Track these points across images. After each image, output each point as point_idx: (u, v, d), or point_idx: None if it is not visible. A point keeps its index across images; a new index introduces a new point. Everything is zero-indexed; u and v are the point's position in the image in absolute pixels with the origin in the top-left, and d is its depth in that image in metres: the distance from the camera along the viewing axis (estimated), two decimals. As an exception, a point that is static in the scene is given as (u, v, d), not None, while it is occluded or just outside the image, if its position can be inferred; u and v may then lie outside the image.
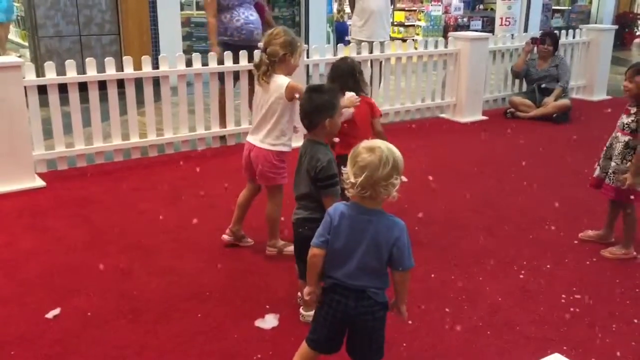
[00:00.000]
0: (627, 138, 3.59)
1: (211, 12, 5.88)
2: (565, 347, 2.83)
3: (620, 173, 3.61)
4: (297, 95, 3.26)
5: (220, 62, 5.71)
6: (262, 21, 6.11)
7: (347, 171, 2.12)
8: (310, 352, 2.33)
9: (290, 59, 3.41)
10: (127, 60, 5.34)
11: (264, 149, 3.45)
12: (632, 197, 3.62)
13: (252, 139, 3.53)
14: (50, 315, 3.01)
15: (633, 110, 3.61)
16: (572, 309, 3.14)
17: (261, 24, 6.03)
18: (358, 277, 2.16)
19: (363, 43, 6.66)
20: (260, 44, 3.63)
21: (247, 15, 5.91)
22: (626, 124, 3.61)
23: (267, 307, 3.10)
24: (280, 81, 3.37)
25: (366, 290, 2.17)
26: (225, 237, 3.76)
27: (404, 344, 2.82)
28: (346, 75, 3.61)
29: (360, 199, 2.12)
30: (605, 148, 3.76)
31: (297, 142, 3.28)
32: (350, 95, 3.39)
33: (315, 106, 2.79)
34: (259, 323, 2.97)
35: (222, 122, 5.90)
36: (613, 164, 3.65)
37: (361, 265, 2.15)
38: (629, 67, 3.69)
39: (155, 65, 5.72)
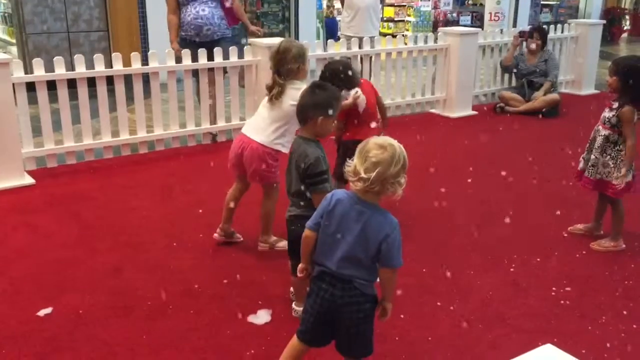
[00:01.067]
0: (607, 132, 3.65)
1: (170, 8, 5.81)
2: (555, 339, 2.85)
3: (599, 165, 3.67)
4: None
5: (178, 59, 5.61)
6: (230, 17, 5.96)
7: (354, 164, 2.12)
8: (298, 345, 2.33)
9: (304, 67, 3.47)
10: (116, 57, 5.31)
11: (261, 146, 3.41)
12: (605, 190, 3.69)
13: (250, 132, 3.49)
14: (41, 313, 3.00)
15: (615, 105, 3.66)
16: (562, 302, 3.17)
17: (222, 19, 5.84)
18: (345, 266, 2.17)
19: (353, 39, 6.66)
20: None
21: (198, 10, 5.74)
22: (607, 118, 3.66)
23: (260, 302, 3.11)
24: (294, 92, 3.31)
25: (353, 281, 2.17)
26: (216, 235, 3.76)
27: (396, 338, 2.84)
28: (335, 74, 3.68)
29: (363, 192, 2.13)
30: (589, 141, 3.81)
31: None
32: (354, 93, 3.51)
33: (314, 101, 2.79)
34: (251, 319, 2.98)
35: (214, 120, 5.85)
36: (593, 157, 3.71)
37: (348, 255, 2.16)
38: (612, 62, 3.75)
39: (145, 62, 5.70)
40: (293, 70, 3.41)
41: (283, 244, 3.54)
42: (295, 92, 3.31)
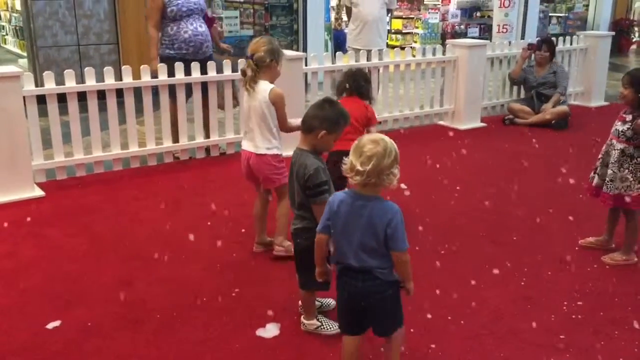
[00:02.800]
0: (623, 145, 3.59)
1: (153, 22, 5.53)
2: (568, 355, 2.83)
3: (617, 180, 3.61)
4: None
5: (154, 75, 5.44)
6: (210, 34, 5.83)
7: (350, 161, 2.29)
8: (348, 339, 2.52)
9: (276, 66, 3.55)
10: (126, 70, 5.34)
11: (258, 156, 3.53)
12: (628, 200, 3.61)
13: (247, 146, 3.62)
14: (50, 326, 3.00)
15: (628, 117, 3.61)
16: (574, 316, 3.14)
17: (210, 37, 5.77)
18: (362, 258, 2.34)
19: (362, 51, 6.67)
20: (249, 52, 3.61)
21: (196, 27, 5.58)
22: (621, 131, 3.61)
23: (269, 316, 3.09)
24: (265, 86, 3.49)
25: (373, 271, 2.34)
26: (255, 250, 3.81)
27: (407, 352, 2.81)
28: (359, 77, 4.11)
29: (362, 187, 2.30)
30: (601, 155, 3.76)
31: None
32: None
33: (322, 114, 2.80)
34: (260, 332, 2.97)
35: (175, 138, 5.66)
36: (610, 171, 3.64)
37: (361, 247, 2.32)
38: (625, 74, 3.70)
39: (154, 75, 5.72)
40: (264, 61, 3.47)
41: None
42: (265, 86, 3.47)
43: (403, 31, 14.11)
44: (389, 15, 8.57)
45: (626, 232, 3.75)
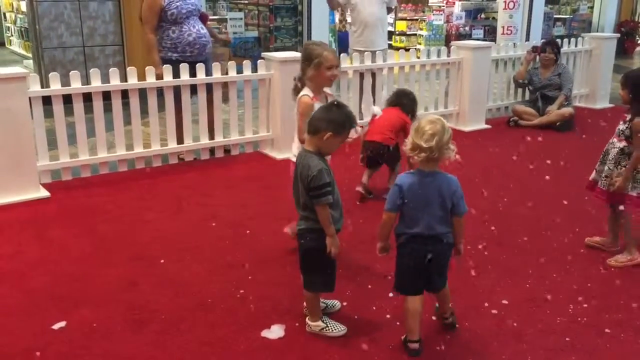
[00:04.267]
0: (622, 144, 3.66)
1: (151, 27, 5.45)
2: (573, 357, 2.82)
3: (613, 178, 3.66)
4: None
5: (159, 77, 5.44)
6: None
7: (412, 142, 2.64)
8: (411, 300, 2.79)
9: (309, 70, 3.45)
10: (131, 71, 5.35)
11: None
12: (620, 202, 3.67)
13: (291, 155, 3.54)
14: (56, 326, 3.00)
15: (628, 117, 3.67)
16: (579, 319, 3.13)
17: None
18: (431, 226, 2.70)
19: (366, 53, 6.67)
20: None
21: (199, 29, 5.59)
22: (621, 130, 3.68)
23: (273, 317, 3.09)
24: (299, 96, 3.47)
25: (440, 235, 2.71)
26: (285, 230, 3.76)
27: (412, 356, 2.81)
28: (403, 96, 4.99)
29: (426, 162, 2.65)
30: (602, 153, 3.81)
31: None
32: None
33: (328, 116, 2.80)
34: (265, 333, 2.96)
35: (180, 139, 5.63)
36: (606, 168, 3.72)
37: (434, 217, 2.69)
38: (622, 75, 3.77)
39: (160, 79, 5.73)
40: (302, 69, 3.47)
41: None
42: (303, 97, 3.43)
43: (407, 32, 14.11)
44: (390, 14, 8.54)
45: (621, 232, 3.78)
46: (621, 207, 3.67)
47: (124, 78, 5.36)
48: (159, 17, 5.48)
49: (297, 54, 6.16)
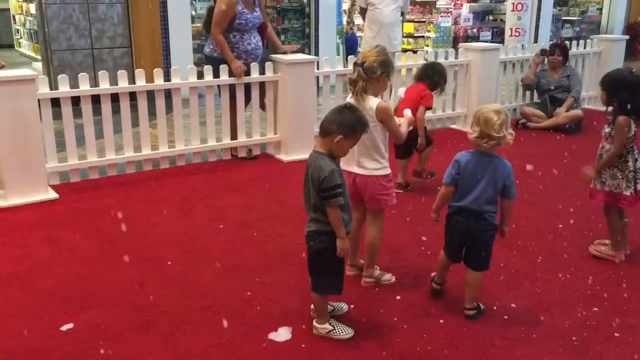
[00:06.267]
0: (610, 145, 3.71)
1: (220, 30, 5.57)
2: (582, 361, 2.80)
3: (608, 178, 3.72)
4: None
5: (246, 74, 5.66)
6: (264, 40, 5.99)
7: (479, 131, 2.92)
8: (445, 259, 3.20)
9: (386, 80, 3.29)
10: (139, 73, 5.37)
11: (371, 175, 3.28)
12: (616, 202, 3.73)
13: (350, 167, 3.30)
14: (64, 328, 3.01)
15: (610, 118, 3.75)
16: (588, 322, 3.11)
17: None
18: (479, 203, 2.95)
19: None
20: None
21: (257, 41, 5.80)
22: (608, 133, 3.76)
23: (281, 319, 3.09)
24: (371, 103, 3.22)
25: (483, 213, 2.95)
26: (349, 273, 3.47)
27: (419, 357, 2.80)
28: (429, 69, 5.09)
29: (489, 148, 2.93)
30: (597, 157, 3.83)
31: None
32: (408, 117, 3.46)
33: (340, 119, 2.80)
34: (272, 336, 2.96)
35: (234, 135, 5.87)
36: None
37: (482, 194, 2.94)
38: (603, 77, 3.88)
39: (167, 78, 5.75)
40: (375, 73, 3.21)
41: (388, 276, 3.48)
42: (371, 103, 3.21)
43: (415, 35, 14.09)
44: (402, 19, 8.55)
45: (608, 229, 3.82)
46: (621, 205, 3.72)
47: (132, 80, 5.38)
48: (228, 23, 5.63)
49: (305, 56, 6.17)
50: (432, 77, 5.02)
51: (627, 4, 14.76)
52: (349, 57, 6.51)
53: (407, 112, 3.47)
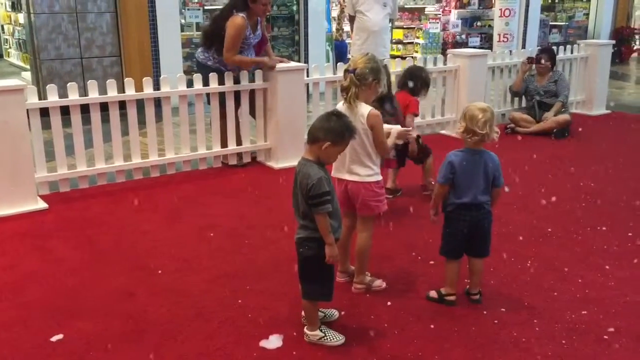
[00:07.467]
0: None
1: (234, 53, 5.58)
2: (571, 364, 2.82)
3: None
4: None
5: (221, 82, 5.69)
6: (260, 53, 6.01)
7: (465, 127, 3.13)
8: (452, 263, 3.29)
9: (377, 86, 3.32)
10: (129, 82, 5.36)
11: (363, 182, 3.30)
12: None
13: (341, 174, 3.34)
14: (54, 338, 3.00)
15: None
16: (577, 326, 3.13)
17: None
18: (476, 196, 3.16)
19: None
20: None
21: (252, 56, 5.86)
22: None
23: (272, 327, 3.09)
24: (362, 110, 3.24)
25: (482, 204, 3.18)
26: (340, 279, 3.50)
27: (410, 363, 2.81)
28: (409, 75, 5.08)
29: (475, 144, 3.15)
30: None
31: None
32: (401, 130, 3.51)
33: (327, 126, 2.80)
34: (263, 343, 2.96)
35: (224, 143, 5.88)
36: None
37: (480, 188, 3.16)
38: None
39: (157, 87, 5.76)
40: (367, 80, 3.25)
41: (379, 282, 3.49)
42: (363, 110, 3.23)
43: (404, 41, 14.16)
44: (391, 25, 8.60)
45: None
46: None
47: (121, 89, 5.37)
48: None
49: (294, 64, 6.19)
50: (413, 84, 5.01)
51: (613, 9, 14.91)
52: (339, 63, 6.54)
53: (397, 128, 3.50)
